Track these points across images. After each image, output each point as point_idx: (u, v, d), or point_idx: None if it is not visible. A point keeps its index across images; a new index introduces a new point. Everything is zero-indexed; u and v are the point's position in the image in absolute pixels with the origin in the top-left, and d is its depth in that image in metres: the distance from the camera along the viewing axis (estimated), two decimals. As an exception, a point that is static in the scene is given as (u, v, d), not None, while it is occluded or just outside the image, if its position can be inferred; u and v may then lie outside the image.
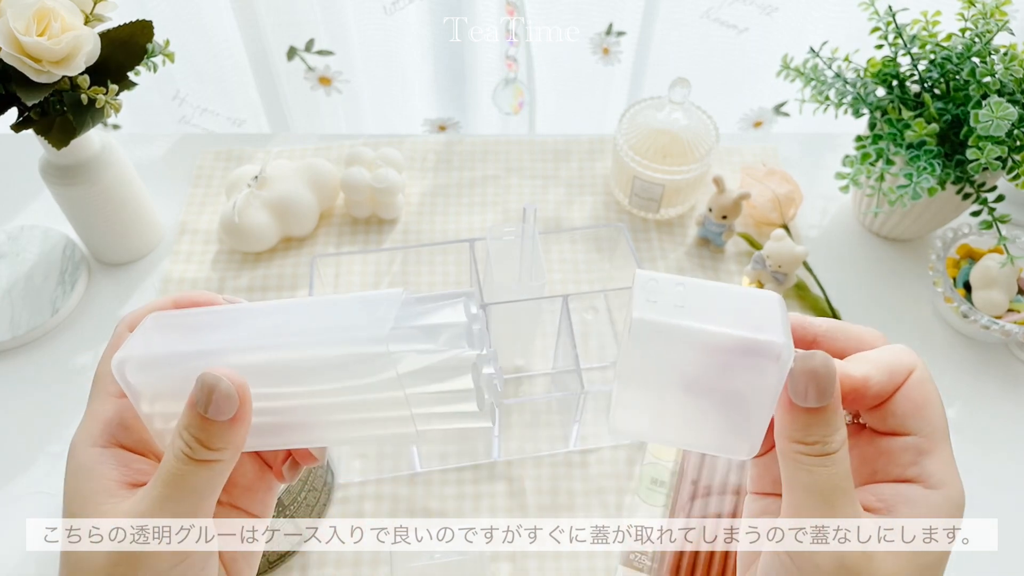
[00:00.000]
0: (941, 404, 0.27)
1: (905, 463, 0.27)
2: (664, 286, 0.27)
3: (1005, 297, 0.71)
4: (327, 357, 0.27)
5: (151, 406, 0.29)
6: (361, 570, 0.60)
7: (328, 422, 0.29)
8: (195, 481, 0.27)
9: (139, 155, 0.89)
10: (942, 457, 0.27)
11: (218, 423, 0.27)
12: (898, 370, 0.27)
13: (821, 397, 0.26)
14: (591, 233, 0.82)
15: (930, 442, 0.27)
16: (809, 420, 0.26)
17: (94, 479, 0.28)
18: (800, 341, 0.29)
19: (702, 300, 0.27)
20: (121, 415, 0.30)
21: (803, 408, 0.26)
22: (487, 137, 0.92)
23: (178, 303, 0.32)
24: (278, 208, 0.78)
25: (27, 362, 0.72)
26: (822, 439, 0.26)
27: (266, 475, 0.32)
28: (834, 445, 0.26)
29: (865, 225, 0.84)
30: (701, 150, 0.78)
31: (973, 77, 0.68)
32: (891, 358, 0.27)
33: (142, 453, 0.30)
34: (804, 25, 1.05)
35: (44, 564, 0.61)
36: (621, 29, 1.07)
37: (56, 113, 0.63)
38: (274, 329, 0.29)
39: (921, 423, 0.27)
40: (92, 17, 0.62)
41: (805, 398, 0.26)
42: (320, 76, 1.12)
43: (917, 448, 0.27)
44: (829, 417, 0.26)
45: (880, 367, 0.27)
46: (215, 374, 0.27)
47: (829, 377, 0.25)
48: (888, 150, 0.69)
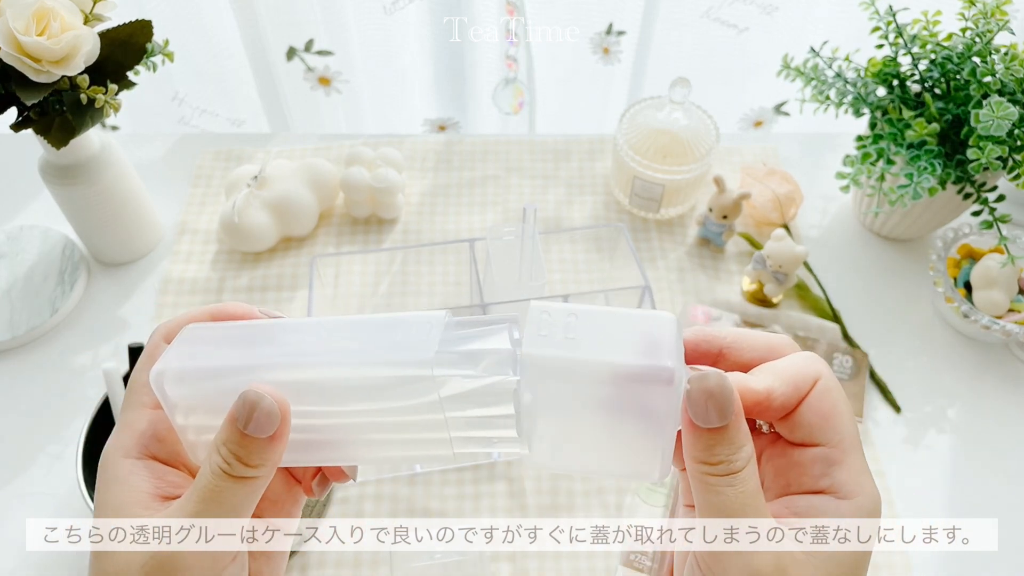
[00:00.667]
0: (849, 412, 0.27)
1: (816, 474, 0.27)
2: (556, 317, 0.27)
3: (1006, 297, 0.71)
4: (369, 378, 0.27)
5: (186, 419, 0.29)
6: (361, 570, 0.60)
7: (364, 441, 0.29)
8: (231, 497, 0.27)
9: (139, 155, 0.89)
10: (852, 466, 0.27)
11: (258, 440, 0.27)
12: (802, 380, 0.27)
13: (720, 416, 0.25)
14: (591, 233, 0.82)
15: (839, 452, 0.27)
16: (711, 440, 0.26)
17: (127, 490, 0.28)
18: (706, 355, 0.29)
19: (594, 329, 0.27)
20: (155, 427, 0.30)
21: (704, 428, 0.26)
22: (487, 137, 0.92)
23: (215, 315, 0.32)
24: (278, 208, 0.78)
25: (27, 362, 0.72)
26: (726, 458, 0.26)
27: (293, 489, 0.32)
28: (739, 463, 0.26)
29: (865, 225, 0.84)
30: (701, 150, 0.78)
31: (974, 77, 0.68)
32: (795, 368, 0.27)
33: (174, 465, 0.30)
34: (804, 25, 1.05)
35: (44, 564, 0.61)
36: (621, 29, 1.07)
37: (55, 113, 0.63)
38: (315, 347, 0.29)
39: (828, 433, 0.27)
40: (91, 17, 0.61)
41: (704, 419, 0.26)
42: (320, 76, 1.12)
43: (826, 459, 0.27)
44: (731, 435, 0.26)
45: (783, 378, 0.27)
46: (258, 391, 0.27)
47: (725, 396, 0.25)
48: (889, 150, 0.69)
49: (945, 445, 0.69)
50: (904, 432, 0.70)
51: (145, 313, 0.76)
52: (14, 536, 0.62)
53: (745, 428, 0.26)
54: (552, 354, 0.26)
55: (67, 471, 0.65)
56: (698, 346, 0.29)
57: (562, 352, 0.26)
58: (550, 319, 0.27)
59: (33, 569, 0.60)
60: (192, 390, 0.28)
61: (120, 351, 0.73)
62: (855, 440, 0.27)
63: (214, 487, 0.27)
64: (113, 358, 0.72)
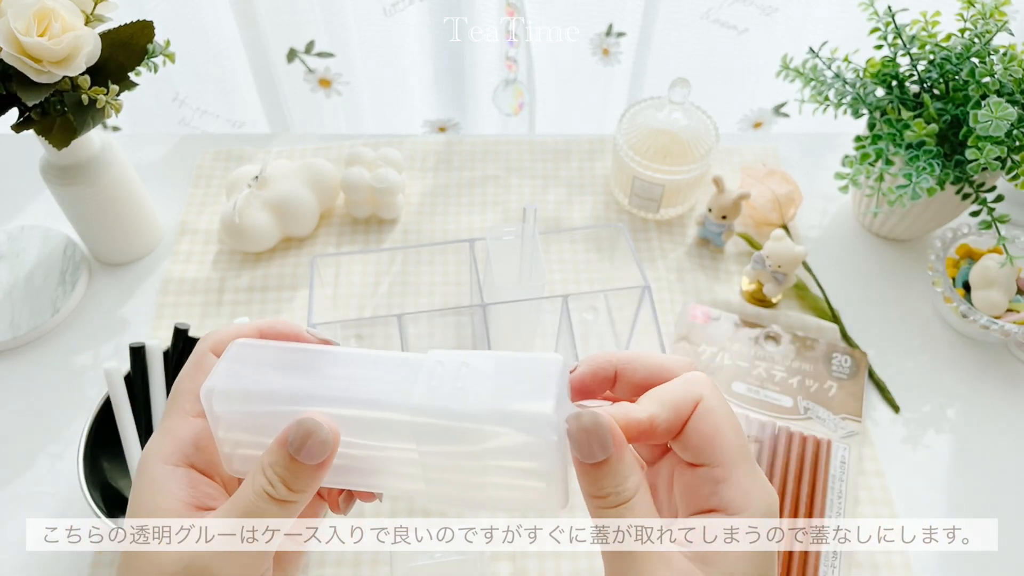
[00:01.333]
0: (733, 427, 0.28)
1: (707, 493, 0.28)
2: (449, 369, 0.29)
3: (1004, 297, 0.71)
4: (412, 423, 0.28)
5: (227, 433, 0.30)
6: (361, 570, 0.61)
7: (400, 474, 0.30)
8: (269, 518, 0.28)
9: (139, 156, 0.89)
10: (737, 482, 0.27)
11: (305, 466, 0.28)
12: (683, 403, 0.28)
13: (600, 451, 0.27)
14: (591, 233, 0.82)
15: (724, 470, 0.28)
16: (596, 475, 0.27)
17: (164, 496, 0.29)
18: (604, 379, 0.30)
19: (483, 378, 0.28)
20: (196, 436, 0.31)
21: (588, 464, 0.27)
22: (487, 137, 0.92)
23: (263, 331, 0.32)
24: (278, 208, 0.78)
25: (27, 362, 0.72)
26: (614, 489, 0.27)
27: (316, 504, 0.33)
28: (627, 493, 0.27)
29: (865, 225, 0.84)
30: (701, 150, 0.78)
31: (972, 77, 0.68)
32: (677, 393, 0.28)
33: (211, 476, 0.31)
34: (804, 25, 1.05)
35: (44, 564, 0.61)
36: (621, 30, 1.07)
37: (57, 113, 0.63)
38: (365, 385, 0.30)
39: (713, 453, 0.28)
40: (92, 17, 0.62)
41: (586, 455, 0.27)
42: (320, 78, 1.12)
43: (712, 478, 0.28)
44: (613, 468, 0.27)
45: (665, 403, 0.28)
46: (316, 420, 0.28)
47: (599, 433, 0.27)
48: (887, 150, 0.69)
49: (944, 445, 0.69)
50: (903, 432, 0.70)
51: (146, 313, 0.76)
52: (14, 536, 0.62)
53: (629, 459, 0.27)
54: (438, 405, 0.28)
55: (68, 471, 0.65)
56: (596, 373, 0.30)
57: (449, 403, 0.28)
58: (444, 371, 0.29)
59: (33, 569, 0.60)
60: (240, 409, 0.30)
61: (121, 351, 0.73)
62: (740, 454, 0.28)
63: (255, 507, 0.28)
64: (114, 358, 0.72)
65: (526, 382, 0.28)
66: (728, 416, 0.28)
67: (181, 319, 0.75)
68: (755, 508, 0.27)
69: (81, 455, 0.59)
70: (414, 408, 0.28)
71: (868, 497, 0.65)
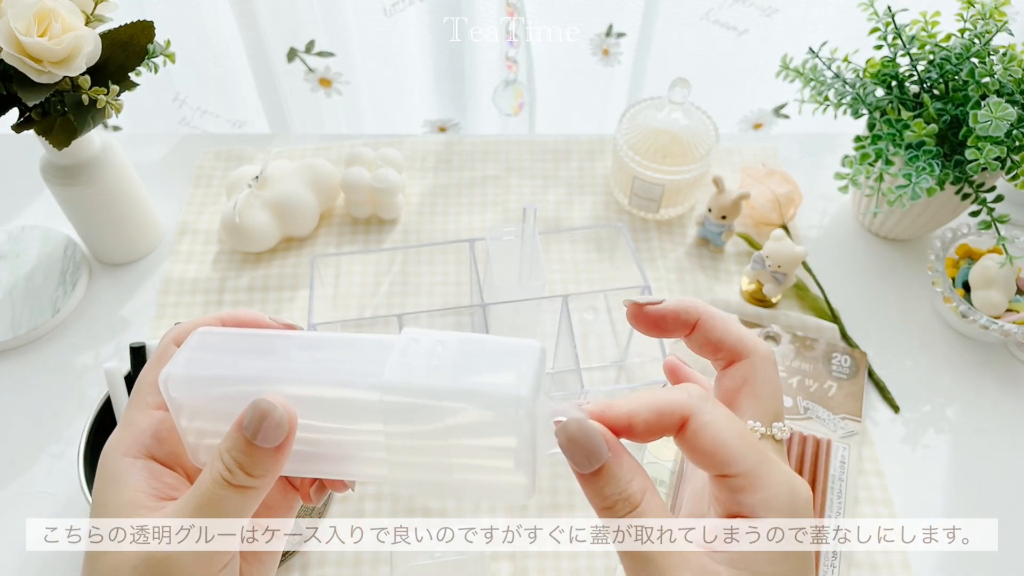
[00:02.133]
0: (738, 434, 0.27)
1: (727, 501, 0.27)
2: (424, 346, 0.28)
3: (1004, 297, 0.71)
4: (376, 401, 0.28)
5: (190, 422, 0.29)
6: (361, 570, 0.61)
7: (365, 458, 0.30)
8: (229, 505, 0.27)
9: (139, 156, 0.89)
10: (756, 487, 0.27)
11: (263, 450, 0.27)
12: (668, 410, 0.27)
13: (593, 459, 0.26)
14: (591, 233, 0.82)
15: (741, 479, 0.27)
16: (599, 484, 0.26)
17: (124, 489, 0.28)
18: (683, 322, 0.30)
19: (457, 356, 0.28)
20: (156, 427, 0.30)
21: (587, 474, 0.26)
22: (487, 137, 0.92)
23: (224, 322, 0.32)
24: (278, 208, 0.78)
25: (27, 362, 0.72)
26: (620, 496, 0.26)
27: (289, 495, 0.33)
28: (635, 498, 0.26)
29: (864, 225, 0.84)
30: (701, 150, 0.78)
31: (972, 77, 0.68)
32: (664, 399, 0.28)
33: (172, 467, 0.30)
34: (804, 26, 1.05)
35: (44, 564, 0.61)
36: (621, 30, 1.07)
37: (57, 113, 0.63)
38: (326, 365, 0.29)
39: (724, 465, 0.27)
40: (93, 18, 0.62)
41: (583, 464, 0.26)
42: (320, 78, 1.12)
43: (731, 487, 0.27)
44: (613, 473, 0.26)
45: (648, 405, 0.27)
46: (271, 402, 0.27)
47: (589, 438, 0.26)
48: (887, 150, 0.70)
49: (944, 445, 0.69)
50: (903, 432, 0.70)
51: (146, 313, 0.76)
52: (14, 536, 0.62)
53: (628, 461, 0.27)
54: (413, 383, 0.27)
55: (68, 471, 0.66)
56: (679, 314, 0.30)
57: (424, 380, 0.27)
58: (418, 347, 0.28)
59: (33, 569, 0.60)
60: (199, 394, 0.29)
61: (121, 351, 0.73)
62: (753, 457, 0.27)
63: (212, 494, 0.27)
64: (114, 358, 0.72)
65: (501, 362, 0.27)
66: (728, 424, 0.27)
67: (181, 319, 0.75)
68: (778, 508, 0.27)
69: (81, 455, 0.59)
70: (383, 386, 0.27)
71: (868, 497, 0.65)
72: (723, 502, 0.28)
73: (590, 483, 0.27)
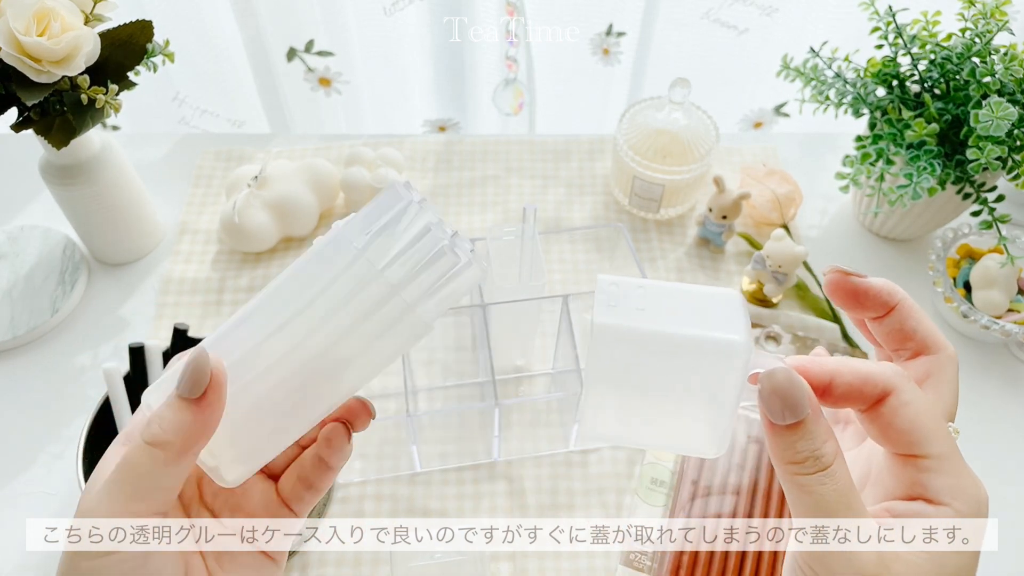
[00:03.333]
0: (936, 420, 0.27)
1: (910, 481, 0.27)
2: (625, 290, 0.27)
3: (1005, 297, 0.71)
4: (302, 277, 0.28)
5: None
6: (361, 570, 0.60)
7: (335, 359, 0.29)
8: (145, 463, 0.27)
9: (139, 155, 0.89)
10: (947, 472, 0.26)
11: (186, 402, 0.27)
12: (871, 380, 0.27)
13: (794, 412, 0.26)
14: (591, 233, 0.82)
15: (931, 460, 0.27)
16: (792, 437, 0.26)
17: (98, 473, 0.30)
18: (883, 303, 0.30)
19: (663, 302, 0.27)
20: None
21: (783, 427, 0.26)
22: (487, 137, 0.92)
23: None
24: (278, 208, 0.78)
25: (27, 362, 0.72)
26: (812, 453, 0.26)
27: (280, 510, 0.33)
28: (827, 459, 0.26)
29: (865, 225, 0.84)
30: (701, 150, 0.78)
31: (973, 77, 0.68)
32: (869, 368, 0.27)
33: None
34: (804, 25, 1.05)
35: (44, 564, 0.61)
36: (621, 30, 1.07)
37: (56, 113, 0.63)
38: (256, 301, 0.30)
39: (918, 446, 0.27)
40: (92, 17, 0.62)
41: (780, 416, 0.26)
42: (320, 77, 1.12)
43: (918, 467, 0.27)
44: (810, 429, 0.26)
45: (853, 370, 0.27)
46: (201, 348, 0.28)
47: (794, 390, 0.26)
48: (888, 150, 0.69)
49: (945, 445, 0.69)
50: (904, 432, 0.70)
51: (146, 313, 0.76)
52: (14, 536, 0.62)
53: (825, 422, 0.26)
54: (624, 324, 0.27)
55: (68, 471, 0.65)
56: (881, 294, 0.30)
57: (635, 322, 0.26)
58: (619, 291, 0.27)
59: (33, 569, 0.60)
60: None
61: (120, 351, 0.73)
62: (947, 445, 0.27)
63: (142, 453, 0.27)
64: (114, 358, 0.72)
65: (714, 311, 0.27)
66: (929, 407, 0.27)
67: (181, 319, 0.75)
68: (964, 500, 0.26)
69: (81, 455, 0.59)
70: None
71: (868, 497, 0.65)
72: (905, 483, 0.27)
73: (783, 436, 0.26)
